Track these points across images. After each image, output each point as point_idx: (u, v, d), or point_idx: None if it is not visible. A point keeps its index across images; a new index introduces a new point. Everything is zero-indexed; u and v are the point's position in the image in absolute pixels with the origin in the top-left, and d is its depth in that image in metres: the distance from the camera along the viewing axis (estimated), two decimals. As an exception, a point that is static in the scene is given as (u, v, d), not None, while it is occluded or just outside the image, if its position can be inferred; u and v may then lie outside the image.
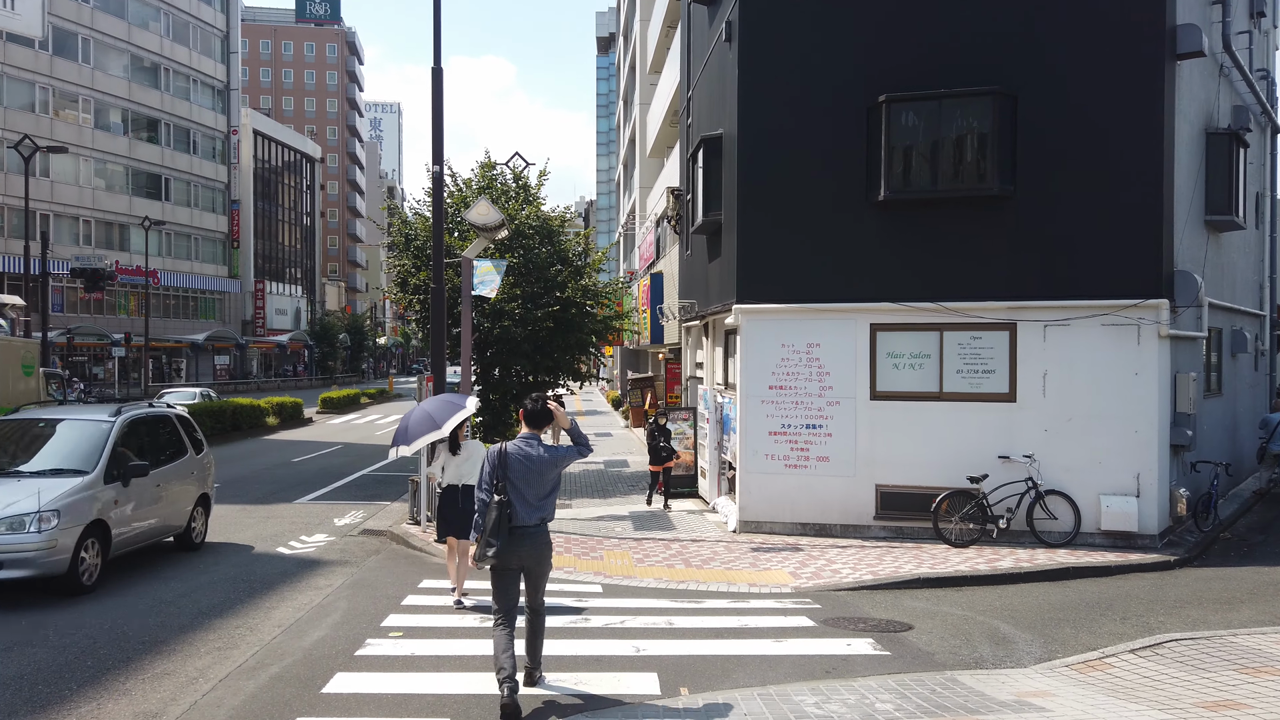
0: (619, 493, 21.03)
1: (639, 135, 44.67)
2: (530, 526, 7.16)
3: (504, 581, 7.28)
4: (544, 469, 7.23)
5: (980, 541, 14.42)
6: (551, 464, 7.27)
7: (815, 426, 15.53)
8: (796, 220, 15.63)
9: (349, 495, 19.84)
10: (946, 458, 15.05)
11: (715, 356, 20.06)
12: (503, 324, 21.94)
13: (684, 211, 22.73)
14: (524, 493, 7.15)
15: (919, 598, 11.18)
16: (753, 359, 15.77)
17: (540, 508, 7.24)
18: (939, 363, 15.17)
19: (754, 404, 15.76)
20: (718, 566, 13.03)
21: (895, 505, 15.23)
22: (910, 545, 14.52)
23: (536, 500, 7.21)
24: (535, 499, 7.21)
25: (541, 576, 7.45)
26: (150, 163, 69.34)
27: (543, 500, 7.25)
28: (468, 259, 17.95)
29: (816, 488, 15.54)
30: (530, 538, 7.17)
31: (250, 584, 11.46)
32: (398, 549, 14.16)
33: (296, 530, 15.47)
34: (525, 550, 7.17)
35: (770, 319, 15.70)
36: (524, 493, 7.15)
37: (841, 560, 13.29)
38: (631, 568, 12.91)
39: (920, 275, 15.12)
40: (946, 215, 15.06)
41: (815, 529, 15.55)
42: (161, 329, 68.21)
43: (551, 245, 23.40)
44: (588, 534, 15.64)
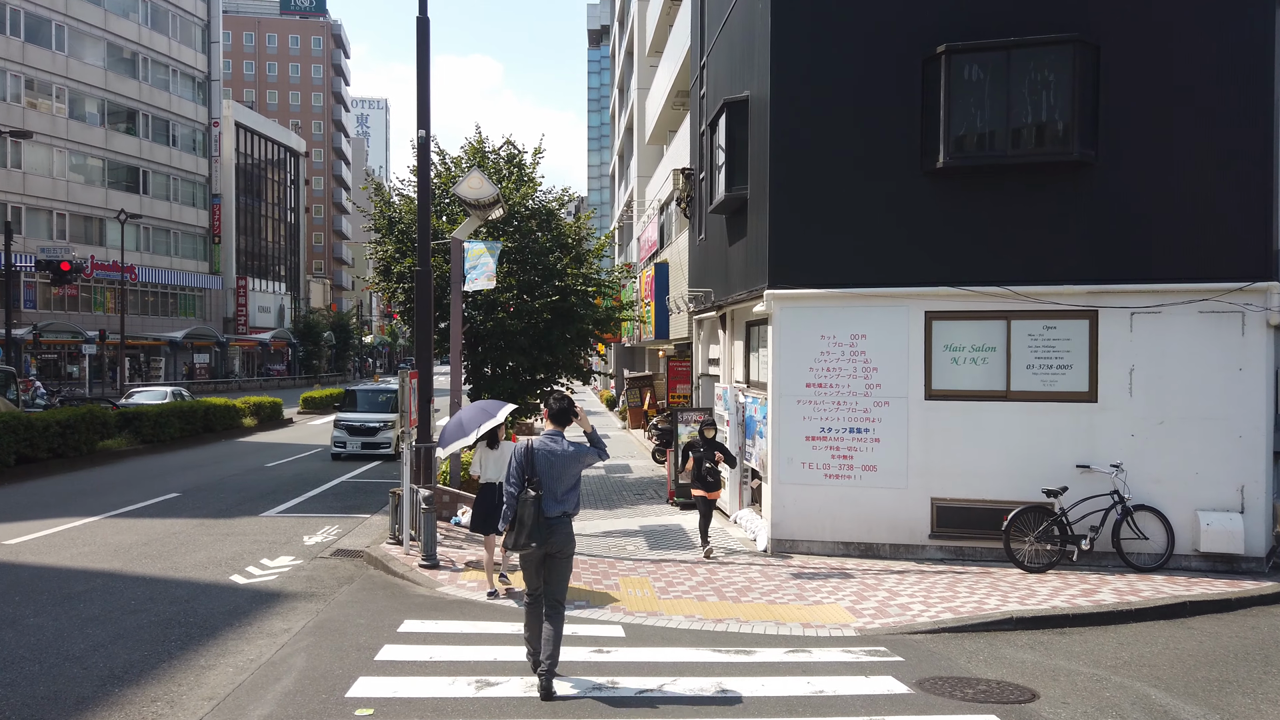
0: (625, 502, 18.91)
1: (637, 122, 42.54)
2: (555, 518, 7.58)
3: (532, 568, 7.70)
4: (568, 464, 7.66)
5: (1059, 565, 12.33)
6: (575, 459, 7.70)
7: (860, 430, 13.42)
8: (838, 192, 13.52)
9: (324, 506, 17.65)
10: (1015, 467, 12.97)
11: (734, 351, 17.94)
12: (496, 315, 19.78)
13: (696, 192, 20.60)
14: (549, 486, 7.58)
15: (1019, 644, 9.06)
16: (787, 353, 13.66)
17: (564, 501, 7.66)
18: (1006, 357, 13.08)
19: (788, 404, 13.65)
20: (757, 599, 10.90)
21: (954, 522, 13.13)
22: (976, 569, 12.42)
23: (561, 493, 7.63)
24: (560, 492, 7.62)
25: (565, 567, 7.77)
26: (128, 155, 66.84)
27: (566, 494, 7.67)
28: (458, 240, 15.83)
29: (862, 501, 13.44)
30: (555, 528, 7.59)
31: (187, 629, 9.23)
32: (375, 575, 12.00)
33: (259, 551, 13.28)
34: (552, 538, 7.57)
35: (807, 306, 13.59)
36: (549, 486, 7.58)
37: (905, 591, 11.17)
38: (655, 601, 10.78)
39: (984, 255, 13.04)
40: (1016, 185, 12.98)
41: (860, 549, 13.45)
42: (140, 326, 65.85)
43: (549, 230, 21.23)
44: (597, 554, 13.50)
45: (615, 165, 60.09)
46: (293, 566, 12.35)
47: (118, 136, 65.88)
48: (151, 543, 13.65)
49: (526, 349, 20.28)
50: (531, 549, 7.49)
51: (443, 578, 11.67)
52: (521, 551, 7.58)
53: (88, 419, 24.60)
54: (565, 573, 7.77)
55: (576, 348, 21.80)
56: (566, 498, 7.68)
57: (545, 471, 7.59)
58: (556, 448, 7.67)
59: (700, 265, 20.23)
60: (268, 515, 16.50)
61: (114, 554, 12.71)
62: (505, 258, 20.14)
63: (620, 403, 41.26)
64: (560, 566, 7.70)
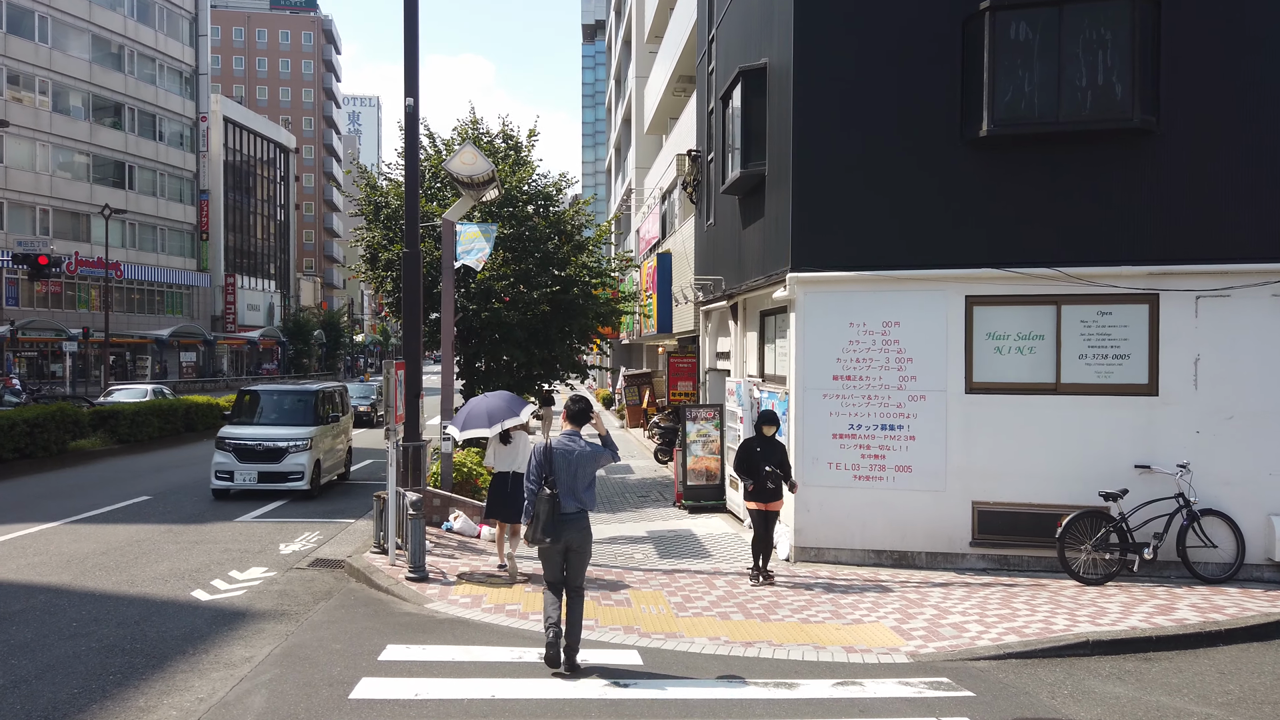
0: (629, 505, 17.64)
1: (635, 112, 41.28)
2: (572, 513, 7.83)
3: (551, 561, 7.93)
4: (584, 462, 7.91)
5: (1118, 576, 11.09)
6: (591, 458, 7.96)
7: (893, 427, 12.17)
8: (869, 166, 12.28)
9: (306, 510, 16.35)
10: (1066, 468, 11.73)
11: (747, 343, 16.68)
12: (491, 306, 18.50)
13: (703, 175, 19.35)
14: (567, 483, 7.83)
15: (1104, 674, 7.81)
16: (812, 342, 12.40)
17: (580, 498, 7.88)
18: (1055, 346, 11.84)
19: (813, 399, 12.39)
20: (789, 617, 9.63)
21: (999, 528, 11.88)
22: (1027, 581, 11.18)
23: (577, 491, 7.86)
24: (577, 489, 7.86)
25: (582, 559, 8.01)
26: (113, 149, 65.29)
27: (583, 491, 7.89)
28: (450, 222, 14.55)
29: (895, 505, 12.19)
30: (572, 523, 7.83)
31: (131, 658, 7.91)
32: (356, 589, 10.70)
33: (228, 561, 11.98)
34: (568, 534, 7.81)
35: (835, 291, 12.34)
36: (567, 483, 7.83)
37: (954, 607, 9.91)
38: (672, 619, 9.50)
39: (1031, 233, 11.80)
40: (1067, 155, 11.74)
41: (894, 558, 12.19)
42: (125, 324, 64.40)
43: (547, 215, 19.96)
44: (604, 564, 12.23)
45: (611, 158, 58.78)
46: (264, 579, 11.04)
47: (103, 131, 64.36)
48: (110, 552, 12.33)
49: (523, 343, 19.02)
50: (548, 543, 7.74)
51: (432, 592, 10.39)
52: (540, 545, 7.83)
53: (58, 417, 23.24)
54: (583, 563, 8.05)
55: (576, 343, 20.55)
56: (583, 495, 7.91)
57: (563, 469, 7.85)
58: (574, 447, 7.93)
59: (708, 253, 18.97)
60: (243, 520, 15.18)
61: (65, 566, 11.41)
62: (500, 244, 18.88)
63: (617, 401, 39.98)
64: (578, 559, 7.97)
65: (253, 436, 17.75)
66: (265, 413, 18.92)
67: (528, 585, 10.85)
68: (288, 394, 19.47)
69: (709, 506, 16.69)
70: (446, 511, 14.34)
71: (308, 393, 19.32)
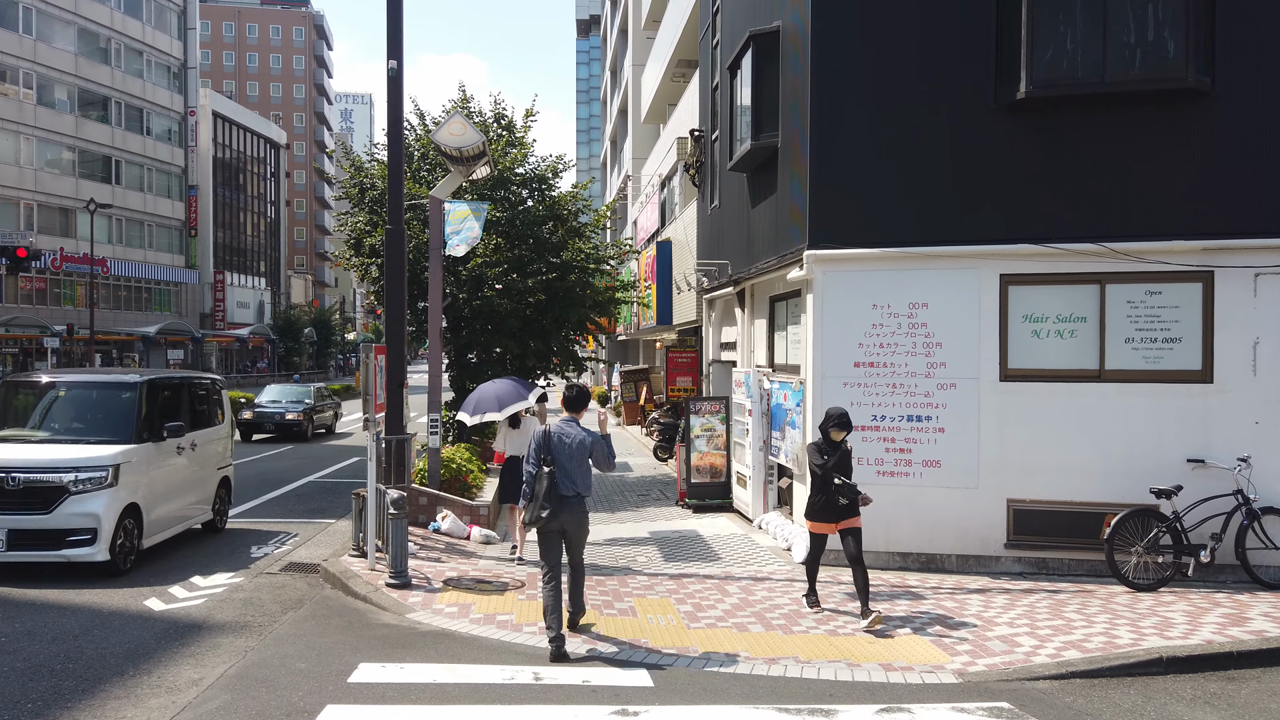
0: (628, 504, 16.60)
1: (632, 101, 40.23)
2: (570, 496, 7.98)
3: (549, 542, 8.06)
4: (581, 448, 8.05)
5: (1172, 581, 10.07)
6: (587, 445, 8.06)
7: (921, 419, 11.15)
8: (893, 132, 11.25)
9: (284, 510, 15.30)
10: (1111, 463, 10.71)
11: (755, 332, 15.66)
12: (483, 294, 17.45)
13: (706, 155, 18.33)
14: (565, 467, 7.97)
15: (1186, 697, 6.77)
16: (831, 326, 11.38)
17: (577, 481, 8.02)
18: (1099, 328, 10.83)
19: (832, 388, 11.36)
20: (814, 628, 8.59)
21: (1036, 528, 10.86)
22: (1069, 586, 10.16)
23: (575, 474, 8.01)
24: (574, 473, 8.01)
25: (580, 539, 8.19)
26: (99, 143, 64.07)
27: (580, 475, 8.04)
28: (437, 200, 13.51)
29: (922, 504, 11.16)
30: (570, 505, 7.98)
31: (58, 681, 6.79)
32: (331, 597, 9.65)
33: (193, 565, 10.93)
34: (566, 516, 7.96)
35: (857, 270, 11.31)
36: (565, 467, 7.97)
37: (998, 616, 8.88)
38: (683, 631, 8.47)
39: (1072, 205, 10.78)
40: (1113, 119, 10.72)
41: (921, 561, 11.17)
42: (112, 321, 63.21)
43: (543, 198, 18.91)
44: (605, 567, 11.20)
45: (607, 151, 57.71)
46: (229, 586, 9.98)
47: (89, 124, 63.14)
48: (64, 555, 11.25)
49: (517, 333, 17.98)
50: (544, 521, 7.90)
51: (415, 600, 9.35)
52: (537, 525, 7.99)
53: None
54: (581, 543, 8.27)
55: (572, 334, 19.50)
56: (580, 479, 8.06)
57: (560, 454, 8.01)
58: (572, 433, 8.11)
59: (712, 237, 17.94)
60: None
61: (9, 569, 10.31)
62: (493, 228, 17.85)
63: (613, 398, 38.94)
64: (577, 539, 8.18)
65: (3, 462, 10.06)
66: (45, 418, 11.27)
67: (522, 592, 9.81)
68: (86, 388, 11.68)
69: (714, 506, 15.67)
70: (434, 511, 13.30)
71: (124, 385, 11.41)
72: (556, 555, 8.03)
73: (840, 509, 8.96)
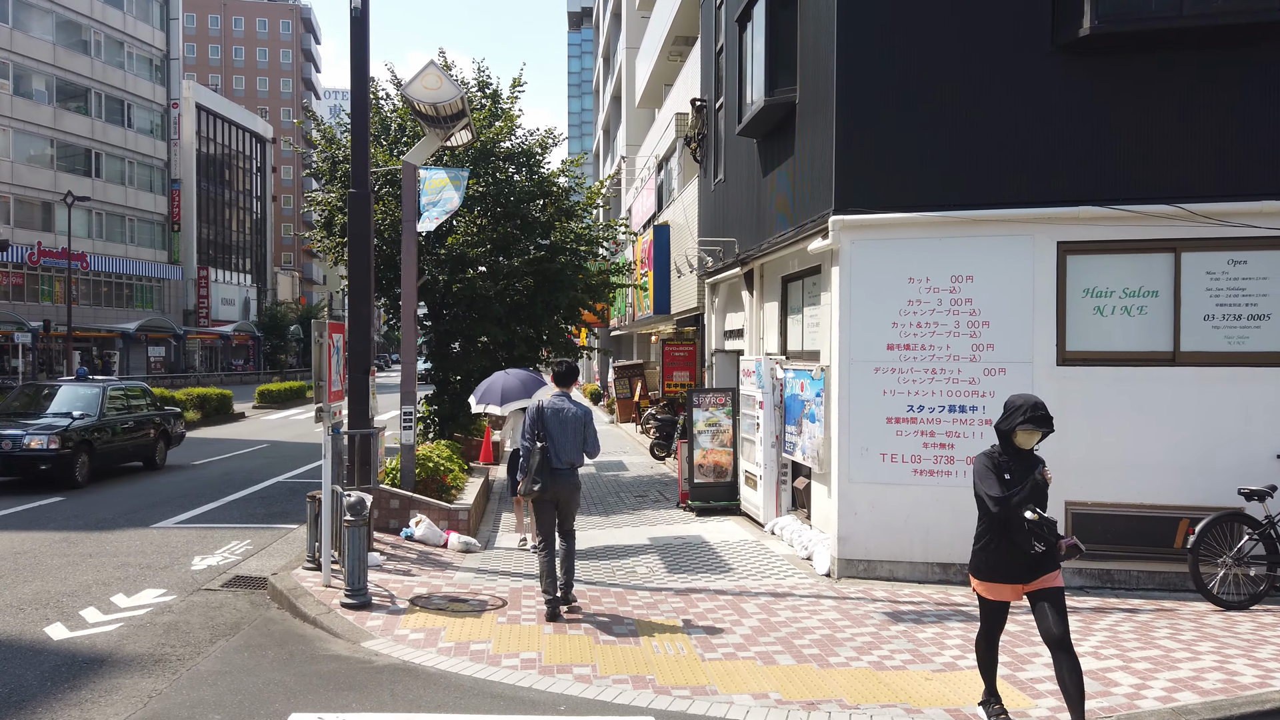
0: (625, 506, 15.11)
1: (626, 86, 38.75)
2: (563, 469, 8.37)
3: (543, 512, 8.48)
4: (573, 422, 8.41)
5: (1266, 597, 8.60)
6: (578, 419, 8.44)
7: (965, 409, 9.67)
8: (931, 79, 9.76)
9: (243, 514, 13.76)
10: (1187, 459, 9.24)
11: (765, 316, 14.19)
12: (464, 276, 15.92)
13: (709, 126, 16.83)
14: (558, 440, 8.35)
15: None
16: (862, 303, 9.89)
17: (570, 454, 8.40)
18: (1173, 304, 9.36)
19: (862, 375, 9.87)
20: (855, 659, 7.09)
21: (1099, 535, 9.37)
22: (1143, 603, 8.69)
23: (567, 447, 8.38)
24: (566, 446, 8.37)
25: (571, 509, 8.63)
26: (79, 135, 62.36)
27: (572, 448, 8.41)
28: (411, 166, 12.00)
29: (967, 507, 9.61)
30: (563, 477, 8.38)
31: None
32: (275, 620, 8.13)
33: (118, 581, 9.39)
34: (558, 486, 8.37)
35: (890, 238, 9.82)
36: (558, 440, 8.35)
37: (1076, 643, 7.34)
38: (697, 665, 6.96)
39: (1142, 160, 9.31)
40: (1190, 60, 9.25)
41: (964, 573, 9.67)
42: (91, 317, 61.55)
43: (531, 174, 17.38)
44: (599, 582, 9.69)
45: (600, 141, 56.17)
46: (155, 606, 8.44)
47: (68, 116, 61.43)
48: (-26, 568, 9.72)
49: (503, 319, 16.44)
50: (538, 492, 8.26)
51: (374, 624, 7.83)
52: (532, 496, 8.36)
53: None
54: (572, 512, 8.64)
55: (564, 321, 17.97)
56: (572, 451, 8.40)
57: (554, 428, 8.31)
58: (565, 407, 8.42)
59: (716, 215, 16.44)
60: (161, 526, 12.58)
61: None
62: (477, 204, 16.32)
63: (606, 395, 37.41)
64: (568, 508, 8.56)
65: None
66: None
67: (502, 613, 8.30)
68: None
69: (720, 508, 14.17)
70: (406, 515, 11.78)
71: None
72: (550, 524, 8.44)
73: (1031, 561, 5.63)
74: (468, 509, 12.05)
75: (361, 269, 10.38)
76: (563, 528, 8.54)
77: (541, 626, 7.87)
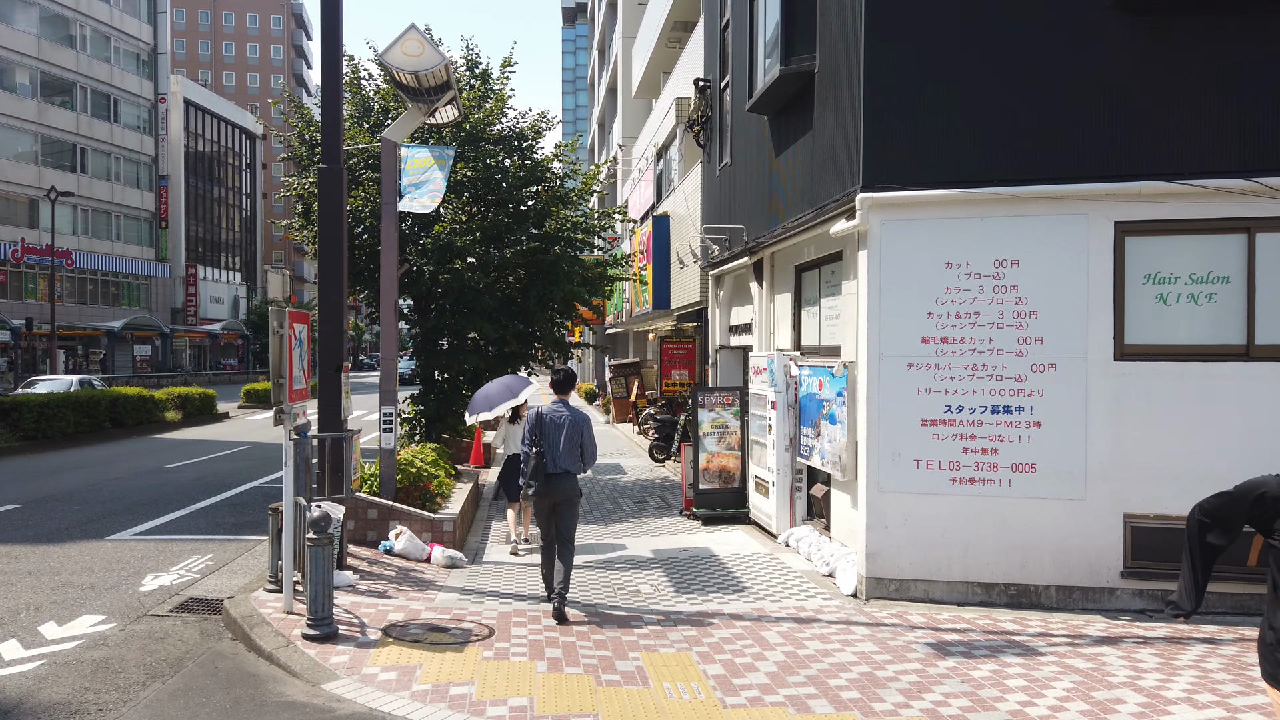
0: (624, 514, 14.06)
1: (622, 77, 37.66)
2: (560, 473, 8.44)
3: (543, 515, 8.60)
4: (570, 428, 8.47)
5: (1360, 626, 7.52)
6: (576, 425, 8.50)
7: (1010, 409, 8.61)
8: (971, 42, 8.70)
9: (210, 523, 12.67)
10: (1263, 465, 8.07)
11: (775, 309, 13.13)
12: (453, 266, 14.84)
13: (714, 108, 15.75)
14: (556, 445, 8.44)
15: None
16: (892, 292, 8.82)
17: (568, 459, 8.46)
18: (1246, 291, 8.31)
19: (893, 372, 8.81)
20: (903, 706, 6.01)
21: (1162, 552, 8.32)
22: (1219, 630, 7.63)
23: (565, 452, 8.44)
24: (564, 451, 8.44)
25: (571, 512, 8.58)
26: (64, 130, 61.12)
27: (570, 453, 8.47)
28: (390, 143, 10.94)
29: (1013, 519, 8.62)
30: (560, 481, 8.46)
31: None
32: (225, 654, 7.04)
33: (52, 605, 8.30)
34: (556, 490, 8.45)
35: (926, 218, 8.76)
36: (556, 445, 8.44)
37: (1161, 685, 6.31)
38: (718, 713, 5.88)
39: (1212, 129, 8.25)
40: (1268, 19, 8.19)
41: (1009, 594, 8.62)
42: (76, 315, 60.32)
43: (524, 158, 16.30)
44: (601, 605, 8.62)
45: (594, 136, 55.03)
46: (87, 638, 7.35)
47: (52, 110, 60.20)
48: (-106, 590, 8.61)
49: (494, 314, 15.36)
50: (537, 499, 8.49)
51: (339, 660, 6.74)
52: (532, 499, 8.56)
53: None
54: (572, 517, 8.61)
55: (559, 316, 16.88)
56: (570, 458, 8.48)
57: (552, 434, 8.44)
58: (563, 413, 8.51)
59: (722, 202, 15.37)
60: (117, 538, 11.49)
61: None
62: (465, 190, 15.25)
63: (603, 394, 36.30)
64: (566, 512, 8.56)
65: None
66: None
67: (488, 646, 7.21)
68: None
69: (727, 516, 13.14)
70: (386, 526, 10.71)
71: None
72: (549, 526, 8.56)
73: None
74: (454, 519, 10.97)
75: (333, 251, 9.29)
76: (560, 535, 8.50)
77: (534, 664, 6.78)
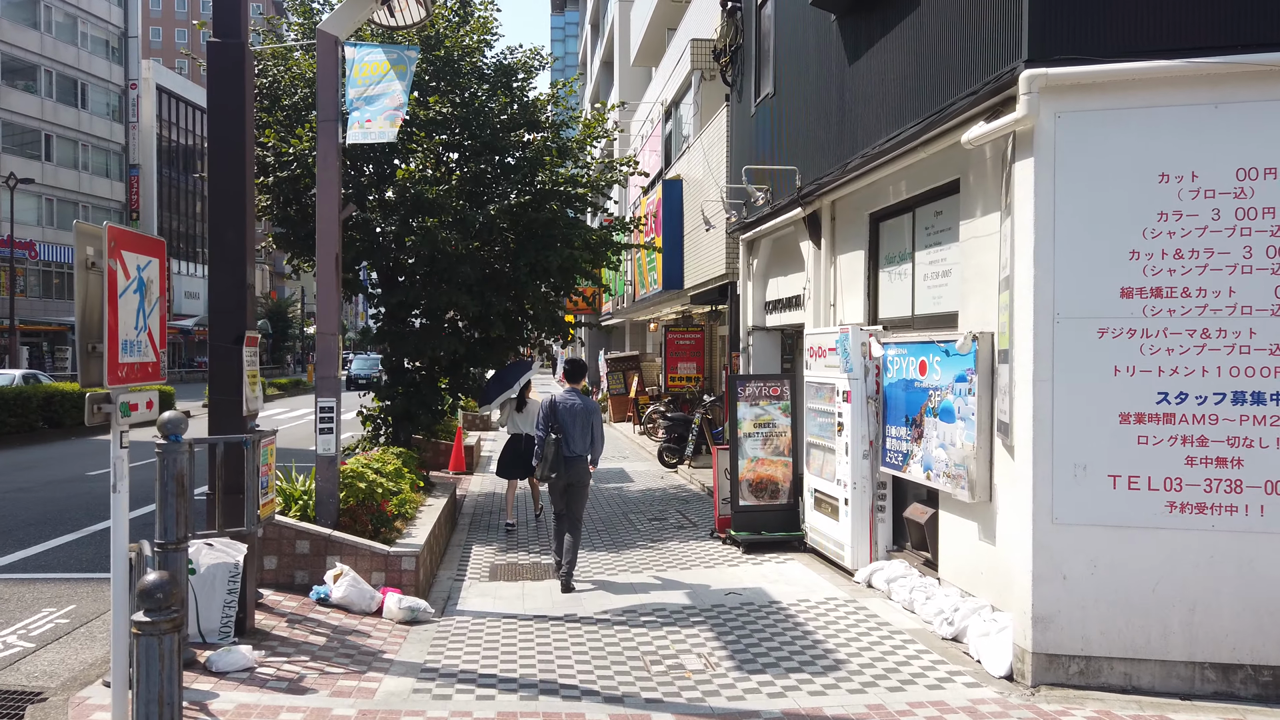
0: (638, 534, 11.14)
1: (619, 44, 34.64)
2: (575, 456, 8.85)
3: (557, 494, 8.94)
4: (582, 415, 8.89)
5: None
6: (588, 413, 8.94)
7: (1264, 398, 5.60)
8: None
9: (99, 554, 9.58)
10: None
11: (841, 271, 10.13)
12: (426, 224, 11.73)
13: (750, 31, 12.76)
14: (570, 431, 8.83)
15: None
16: (1072, 218, 5.81)
17: (581, 444, 8.89)
18: None
19: (1075, 338, 5.80)
20: None
21: None
22: None
23: (579, 438, 8.87)
24: (577, 437, 8.86)
25: (582, 494, 8.95)
26: (27, 115, 57.83)
27: (583, 439, 8.89)
28: (331, 36, 7.92)
29: (1265, 567, 5.60)
30: (574, 464, 8.85)
31: None
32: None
33: None
34: (572, 473, 8.83)
35: (1125, 106, 5.75)
36: (570, 431, 8.83)
37: None
38: None
39: None
40: None
41: (1264, 680, 5.60)
42: (41, 310, 57.15)
43: (511, 97, 13.21)
44: (633, 698, 5.57)
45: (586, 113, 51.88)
46: None
47: (14, 94, 56.90)
48: None
49: (475, 286, 12.26)
50: (554, 479, 8.81)
51: None
52: (548, 481, 8.91)
53: None
54: (582, 498, 8.99)
55: (556, 289, 13.74)
56: (583, 442, 8.91)
57: (566, 420, 8.83)
58: (575, 401, 8.94)
59: (757, 146, 12.33)
60: (-41, 580, 8.41)
61: None
62: (438, 128, 12.20)
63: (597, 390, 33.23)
64: (578, 494, 8.93)
65: None
66: None
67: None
68: None
69: (774, 542, 10.13)
70: (322, 564, 7.66)
71: None
72: (561, 504, 8.91)
73: None
74: (415, 554, 7.92)
75: (229, 161, 6.22)
76: (571, 514, 8.89)
77: None
